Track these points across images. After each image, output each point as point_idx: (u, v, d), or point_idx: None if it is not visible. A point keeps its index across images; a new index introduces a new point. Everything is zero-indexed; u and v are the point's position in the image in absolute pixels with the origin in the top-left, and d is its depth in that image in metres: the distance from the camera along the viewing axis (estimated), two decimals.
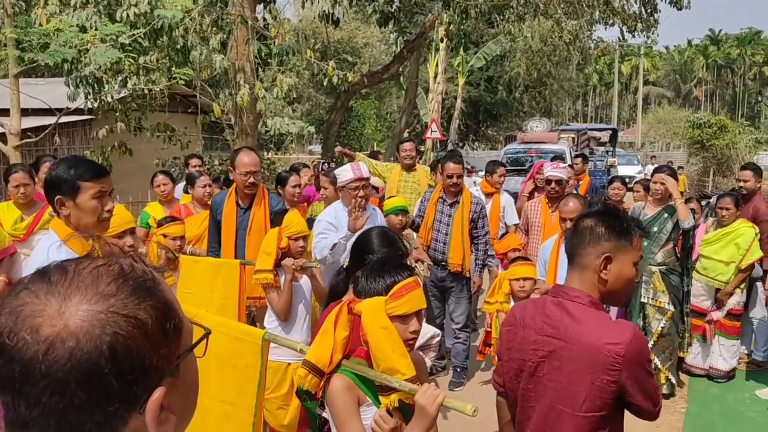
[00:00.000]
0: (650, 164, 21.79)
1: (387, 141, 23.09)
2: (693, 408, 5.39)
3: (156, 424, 0.82)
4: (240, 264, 4.20)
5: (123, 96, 9.90)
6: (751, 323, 6.21)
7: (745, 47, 73.86)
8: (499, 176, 6.85)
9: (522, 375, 2.14)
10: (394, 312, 2.06)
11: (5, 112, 9.68)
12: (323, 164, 9.21)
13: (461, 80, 24.98)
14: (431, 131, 17.93)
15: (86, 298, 0.80)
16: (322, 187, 5.92)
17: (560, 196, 5.44)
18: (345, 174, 4.51)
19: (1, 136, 9.51)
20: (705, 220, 6.58)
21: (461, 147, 27.22)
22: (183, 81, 10.34)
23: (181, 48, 8.28)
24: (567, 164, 8.42)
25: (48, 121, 10.18)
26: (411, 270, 2.19)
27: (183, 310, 0.91)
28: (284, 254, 3.76)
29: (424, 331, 2.96)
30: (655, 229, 5.39)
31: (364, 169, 4.54)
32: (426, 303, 2.28)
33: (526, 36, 22.52)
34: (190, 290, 4.09)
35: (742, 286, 5.89)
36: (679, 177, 8.06)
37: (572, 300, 2.08)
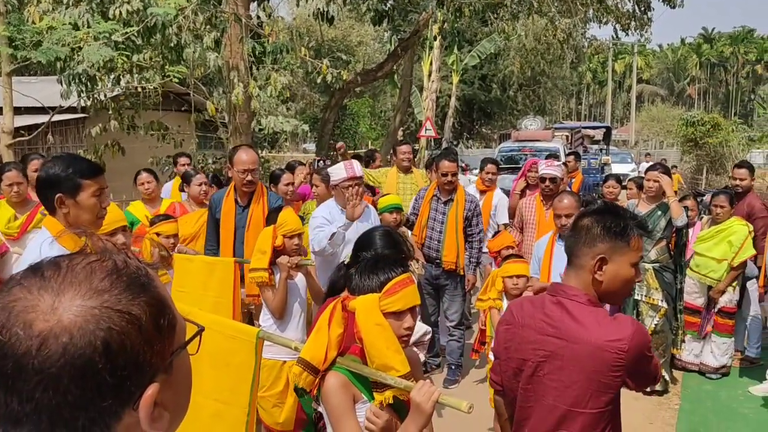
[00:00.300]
0: (645, 162, 21.83)
1: (381, 139, 23.08)
2: (686, 404, 5.41)
3: (149, 421, 0.82)
4: (234, 262, 4.20)
5: (116, 94, 9.85)
6: (745, 320, 6.23)
7: (738, 45, 74.11)
8: (487, 173, 6.89)
9: (521, 374, 2.13)
10: (388, 309, 2.05)
11: None
12: (318, 162, 9.20)
13: (455, 78, 25.03)
14: (426, 129, 17.94)
15: (80, 294, 0.80)
16: (314, 185, 5.90)
17: (554, 194, 5.45)
18: (338, 173, 4.52)
19: None
20: (700, 219, 6.59)
21: (456, 145, 27.27)
22: (176, 79, 10.29)
23: (175, 46, 8.24)
24: (561, 162, 8.47)
25: (41, 120, 10.13)
26: (405, 267, 2.18)
27: (177, 308, 0.90)
28: (279, 252, 3.76)
29: (417, 329, 2.96)
30: (649, 227, 5.41)
31: (357, 168, 4.55)
32: (420, 301, 2.27)
33: (520, 34, 22.58)
34: (185, 289, 4.08)
35: (734, 284, 5.91)
36: (673, 176, 8.07)
37: (571, 299, 2.07)
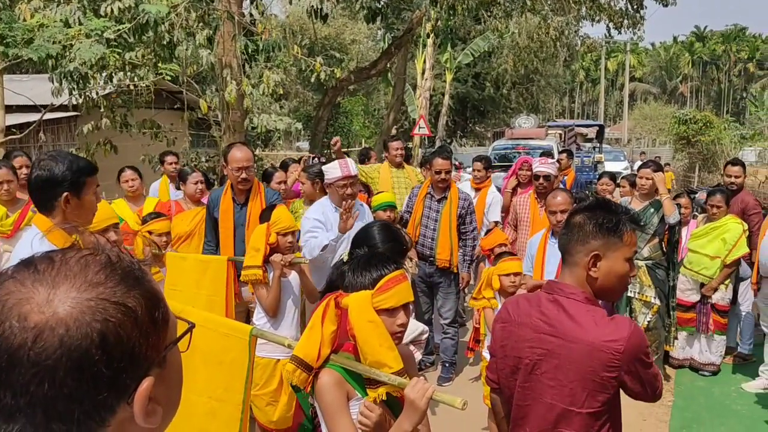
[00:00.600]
0: (639, 160, 21.90)
1: (375, 138, 23.08)
2: (679, 401, 5.43)
3: (144, 415, 0.82)
4: (228, 261, 4.18)
5: (108, 92, 9.82)
6: (738, 317, 6.26)
7: (730, 44, 74.42)
8: (474, 171, 7.07)
9: (518, 373, 2.11)
10: (381, 305, 2.05)
11: None
12: (312, 159, 9.17)
13: (449, 77, 25.02)
14: (419, 127, 17.94)
15: (75, 286, 0.79)
16: (300, 183, 5.85)
17: (548, 192, 5.46)
18: (333, 171, 4.48)
19: None
20: (693, 217, 6.61)
21: (449, 143, 27.27)
22: (169, 77, 10.27)
23: (167, 43, 8.22)
24: (555, 160, 8.51)
25: (32, 118, 10.10)
26: (398, 263, 2.18)
27: (169, 306, 0.90)
28: (273, 250, 3.75)
29: (414, 327, 2.96)
30: (642, 222, 5.42)
31: (352, 167, 4.52)
32: (414, 298, 2.26)
33: (513, 32, 22.56)
34: (177, 287, 4.07)
35: (727, 282, 5.93)
36: (666, 174, 8.10)
37: (568, 297, 2.05)
